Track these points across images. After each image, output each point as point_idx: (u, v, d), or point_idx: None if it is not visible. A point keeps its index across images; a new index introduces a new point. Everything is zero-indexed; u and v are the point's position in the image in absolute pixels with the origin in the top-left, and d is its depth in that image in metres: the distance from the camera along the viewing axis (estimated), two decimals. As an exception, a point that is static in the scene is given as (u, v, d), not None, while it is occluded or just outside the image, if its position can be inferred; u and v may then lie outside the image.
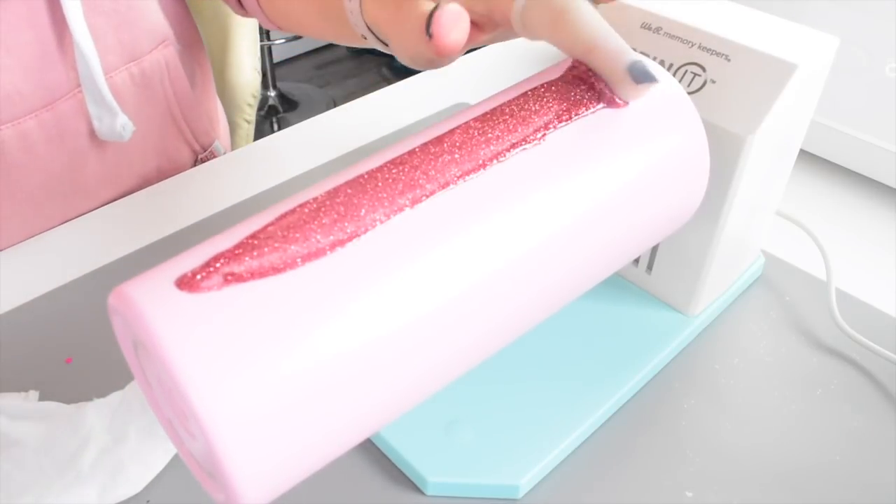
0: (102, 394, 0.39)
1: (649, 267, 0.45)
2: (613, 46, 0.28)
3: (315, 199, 0.26)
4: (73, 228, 0.55)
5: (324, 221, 0.25)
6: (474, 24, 0.34)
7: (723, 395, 0.43)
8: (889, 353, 0.44)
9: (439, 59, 0.32)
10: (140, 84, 0.57)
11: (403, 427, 0.39)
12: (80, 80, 0.51)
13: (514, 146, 0.28)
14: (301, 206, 0.25)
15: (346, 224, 0.25)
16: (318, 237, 0.24)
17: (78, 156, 0.55)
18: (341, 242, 0.24)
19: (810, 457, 0.40)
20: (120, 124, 0.54)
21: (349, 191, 0.26)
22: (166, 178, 0.61)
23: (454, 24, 0.30)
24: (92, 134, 0.55)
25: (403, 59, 0.35)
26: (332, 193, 0.26)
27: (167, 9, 0.61)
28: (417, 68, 0.34)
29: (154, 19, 0.57)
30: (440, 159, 0.27)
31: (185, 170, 0.64)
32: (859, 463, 0.40)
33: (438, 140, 0.28)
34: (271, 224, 0.25)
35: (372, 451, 0.39)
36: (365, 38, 0.39)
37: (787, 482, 0.39)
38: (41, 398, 0.41)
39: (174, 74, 0.60)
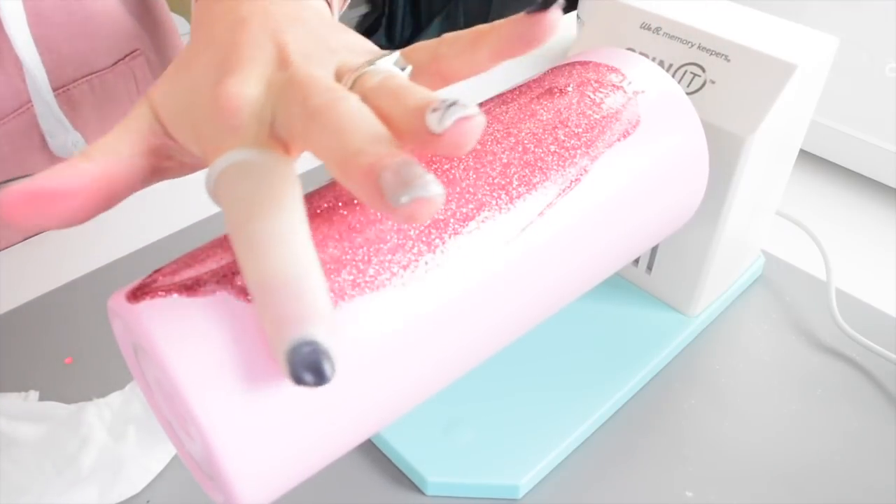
0: (102, 394, 0.39)
1: (649, 267, 0.45)
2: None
3: (321, 202, 0.26)
4: (72, 228, 0.55)
5: (324, 229, 0.25)
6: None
7: (723, 395, 0.43)
8: (889, 353, 0.44)
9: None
10: (102, 96, 0.56)
11: (403, 427, 0.39)
12: (30, 93, 0.49)
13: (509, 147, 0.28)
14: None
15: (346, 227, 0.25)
16: (315, 243, 0.24)
17: (36, 170, 0.53)
18: (341, 244, 0.24)
19: (810, 457, 0.40)
20: (71, 141, 0.52)
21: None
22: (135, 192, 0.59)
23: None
24: (48, 148, 0.53)
25: None
26: (343, 198, 0.26)
27: (144, 18, 0.59)
28: None
29: (120, 30, 0.55)
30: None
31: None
32: (859, 463, 0.40)
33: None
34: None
35: (372, 451, 0.39)
36: None
37: (787, 482, 0.39)
38: (41, 398, 0.41)
39: (144, 86, 0.58)
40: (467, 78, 0.26)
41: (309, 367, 0.19)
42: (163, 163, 0.27)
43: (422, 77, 0.26)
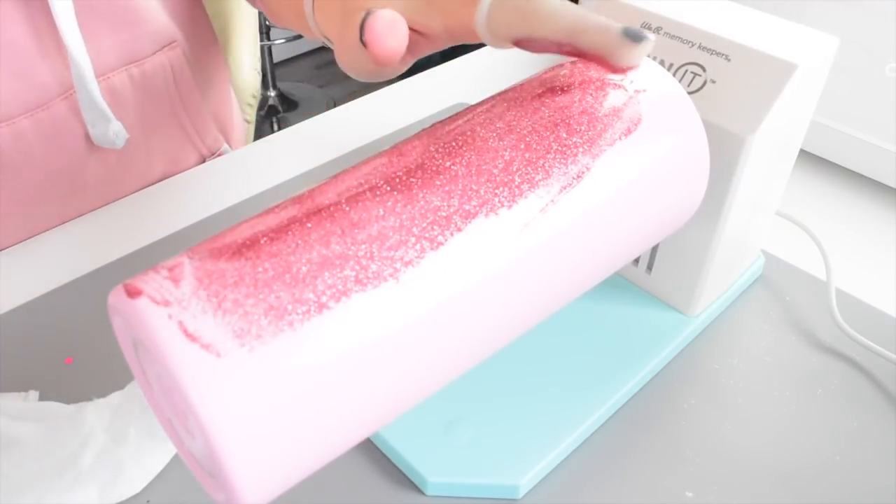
0: (102, 394, 0.39)
1: (649, 267, 0.45)
2: (596, 21, 0.28)
3: (322, 202, 0.26)
4: (73, 228, 0.55)
5: (326, 225, 0.25)
6: (423, 35, 0.32)
7: (723, 395, 0.43)
8: (889, 353, 0.44)
9: (380, 69, 0.31)
10: (141, 86, 0.57)
11: (403, 427, 0.39)
12: (74, 82, 0.50)
13: (511, 147, 0.28)
14: (301, 207, 0.26)
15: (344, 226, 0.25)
16: (317, 239, 0.24)
17: (76, 157, 0.55)
18: (342, 242, 0.24)
19: (810, 457, 0.40)
20: (112, 131, 0.53)
21: (346, 191, 0.26)
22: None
23: (389, 31, 0.29)
24: (89, 137, 0.54)
25: (350, 73, 0.33)
26: (342, 198, 0.26)
27: (179, 9, 0.60)
28: (363, 80, 0.33)
29: (158, 21, 0.57)
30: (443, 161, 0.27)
31: None
32: (859, 463, 0.40)
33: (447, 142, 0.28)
34: (273, 225, 0.25)
35: (372, 451, 0.39)
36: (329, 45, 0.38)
37: (787, 482, 0.39)
38: (41, 398, 0.41)
39: (180, 77, 0.59)
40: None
41: (639, 32, 0.28)
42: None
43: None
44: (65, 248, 0.53)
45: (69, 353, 0.44)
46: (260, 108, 1.83)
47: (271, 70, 2.22)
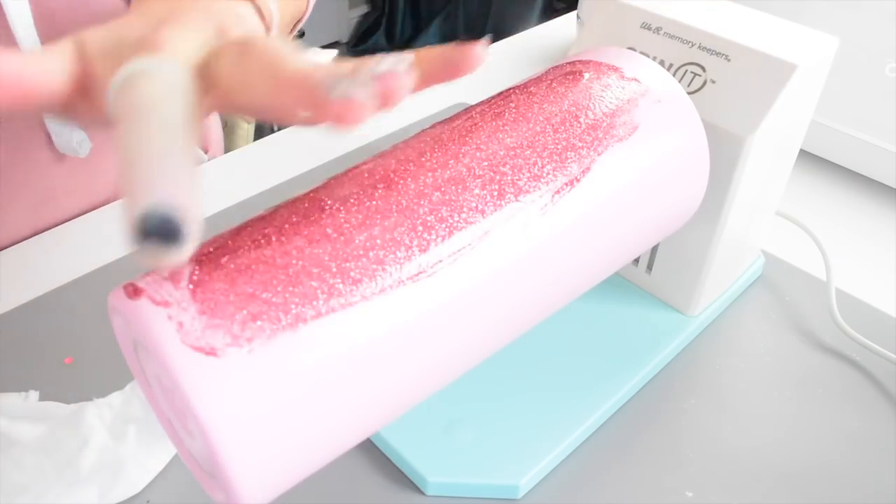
0: (102, 394, 0.39)
1: (649, 267, 0.45)
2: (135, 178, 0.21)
3: (321, 202, 0.26)
4: (73, 228, 0.55)
5: (322, 229, 0.25)
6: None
7: (723, 395, 0.43)
8: (889, 353, 0.44)
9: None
10: None
11: (403, 427, 0.39)
12: None
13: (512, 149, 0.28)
14: (300, 207, 0.26)
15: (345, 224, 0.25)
16: (317, 241, 0.24)
17: (41, 166, 0.54)
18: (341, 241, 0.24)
19: (810, 457, 0.40)
20: (76, 140, 0.52)
21: (351, 192, 0.26)
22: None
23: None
24: (54, 146, 0.53)
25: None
26: (340, 198, 0.26)
27: None
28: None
29: (115, 17, 0.56)
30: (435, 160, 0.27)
31: None
32: (859, 463, 0.40)
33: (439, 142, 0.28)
34: (273, 225, 0.25)
35: (372, 451, 0.39)
36: None
37: (787, 482, 0.39)
38: (41, 398, 0.41)
39: None
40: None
41: (160, 228, 0.20)
42: (77, 98, 0.28)
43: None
44: (65, 247, 0.53)
45: (69, 353, 0.44)
46: (260, 107, 1.82)
47: (271, 70, 2.22)
